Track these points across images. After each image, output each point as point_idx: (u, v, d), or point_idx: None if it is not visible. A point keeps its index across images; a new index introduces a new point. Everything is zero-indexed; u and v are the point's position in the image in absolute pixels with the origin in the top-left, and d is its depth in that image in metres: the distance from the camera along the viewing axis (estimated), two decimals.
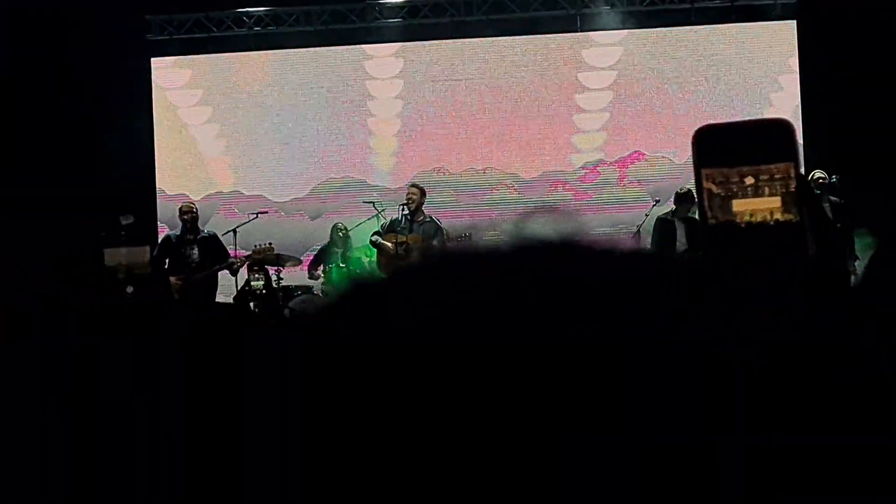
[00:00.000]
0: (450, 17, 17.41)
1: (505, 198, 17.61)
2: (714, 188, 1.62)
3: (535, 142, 17.49)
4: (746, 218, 1.60)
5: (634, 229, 15.57)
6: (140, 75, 17.78)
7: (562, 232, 0.80)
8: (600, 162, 17.49)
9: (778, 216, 1.60)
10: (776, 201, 1.60)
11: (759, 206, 1.60)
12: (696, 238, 14.13)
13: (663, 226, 14.71)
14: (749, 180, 1.60)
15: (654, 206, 15.71)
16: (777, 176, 1.60)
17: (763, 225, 1.60)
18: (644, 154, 17.39)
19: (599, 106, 17.44)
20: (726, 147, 1.64)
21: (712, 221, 1.62)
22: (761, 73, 16.95)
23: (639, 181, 17.34)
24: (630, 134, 17.37)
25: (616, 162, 17.46)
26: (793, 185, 1.60)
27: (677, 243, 14.60)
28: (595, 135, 17.43)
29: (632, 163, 17.41)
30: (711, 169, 1.62)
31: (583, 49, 17.51)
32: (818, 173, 13.77)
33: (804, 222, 1.61)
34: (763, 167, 1.61)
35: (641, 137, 17.36)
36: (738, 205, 1.60)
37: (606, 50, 17.46)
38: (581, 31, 17.45)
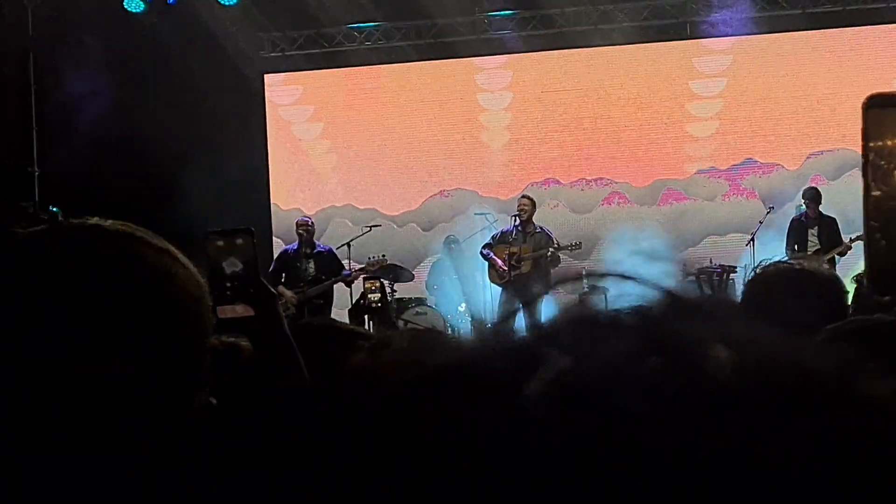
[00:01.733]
0: (558, 28, 17.41)
1: (617, 208, 17.56)
2: (878, 160, 1.62)
3: (645, 151, 17.43)
4: None
5: (748, 237, 15.43)
6: (254, 91, 18.02)
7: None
8: (712, 170, 17.37)
9: None
10: None
11: None
12: (827, 237, 14.05)
13: (796, 227, 14.70)
14: None
15: (767, 213, 15.57)
16: None
17: None
18: (757, 161, 17.24)
19: (710, 113, 17.33)
20: (893, 118, 1.63)
21: (875, 193, 1.62)
22: (875, 77, 16.69)
23: (752, 189, 17.19)
24: (742, 141, 17.23)
25: (728, 170, 17.32)
26: None
27: (808, 244, 14.54)
28: (706, 142, 17.32)
29: (744, 170, 17.27)
30: (878, 141, 1.62)
31: (693, 57, 17.41)
32: None
33: None
34: None
35: (753, 145, 17.21)
36: None
37: (717, 57, 17.35)
38: (691, 39, 17.35)
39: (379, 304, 13.50)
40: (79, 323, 1.53)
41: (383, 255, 14.93)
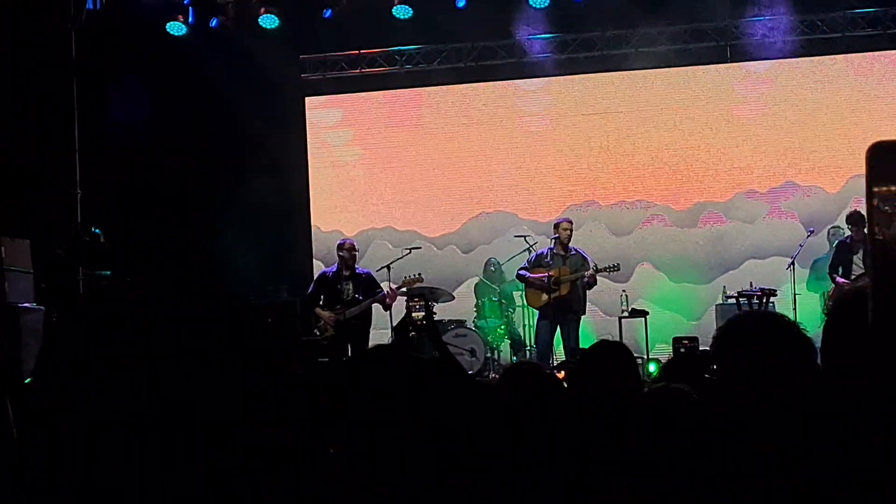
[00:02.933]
0: (598, 52, 17.43)
1: (656, 230, 17.55)
2: (881, 205, 1.64)
3: (685, 173, 17.41)
4: None
5: (788, 260, 15.40)
6: (295, 114, 18.12)
7: None
8: (752, 192, 17.33)
9: None
10: None
11: None
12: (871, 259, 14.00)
13: (841, 250, 14.69)
14: None
15: (808, 236, 15.53)
16: None
17: None
18: (797, 184, 17.20)
19: (750, 136, 17.29)
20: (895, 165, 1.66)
21: (879, 237, 1.65)
22: None
23: (792, 211, 17.14)
24: (782, 164, 17.19)
25: (768, 192, 17.28)
26: None
27: (853, 266, 14.51)
28: (746, 165, 17.28)
29: (784, 193, 17.22)
30: (882, 186, 1.65)
31: (733, 80, 17.39)
32: None
33: None
34: None
35: (793, 167, 17.17)
36: None
37: (756, 80, 17.32)
38: (731, 62, 17.34)
39: (423, 322, 13.51)
40: None
41: (419, 274, 14.95)
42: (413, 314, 13.73)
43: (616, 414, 3.72)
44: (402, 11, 16.59)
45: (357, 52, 17.88)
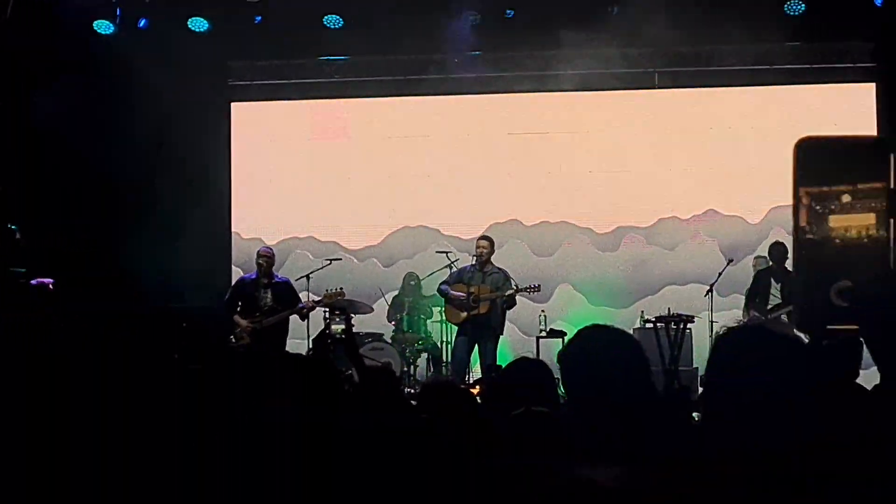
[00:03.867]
0: (528, 71, 17.46)
1: (578, 252, 17.60)
2: (812, 203, 1.64)
3: (609, 197, 17.48)
4: (842, 233, 1.62)
5: (707, 287, 15.51)
6: (220, 119, 17.98)
7: None
8: (674, 218, 17.44)
9: (871, 232, 1.62)
10: (871, 218, 1.62)
11: (855, 223, 1.62)
12: (788, 293, 14.16)
13: (760, 280, 14.87)
14: (846, 197, 1.63)
15: (727, 265, 15.66)
16: (873, 193, 1.62)
17: (856, 240, 1.62)
18: (719, 212, 17.32)
19: (674, 163, 17.40)
20: (826, 163, 1.66)
21: (809, 236, 1.64)
22: (836, 132, 16.80)
23: (713, 239, 17.26)
24: (705, 192, 17.31)
25: (690, 219, 17.40)
26: (885, 203, 1.62)
27: (770, 297, 14.67)
28: (669, 191, 17.37)
29: (706, 220, 17.35)
30: (810, 185, 1.65)
31: (659, 106, 17.50)
32: None
33: (890, 238, 1.63)
34: (860, 185, 1.63)
35: (716, 195, 17.30)
36: (834, 220, 1.62)
37: (682, 108, 17.45)
38: (658, 88, 17.44)
39: (342, 335, 13.43)
40: None
41: (340, 288, 14.92)
42: (332, 326, 13.67)
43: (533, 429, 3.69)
44: (333, 21, 16.53)
45: (285, 60, 17.76)
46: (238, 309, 14.75)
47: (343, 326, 11.76)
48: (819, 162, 1.66)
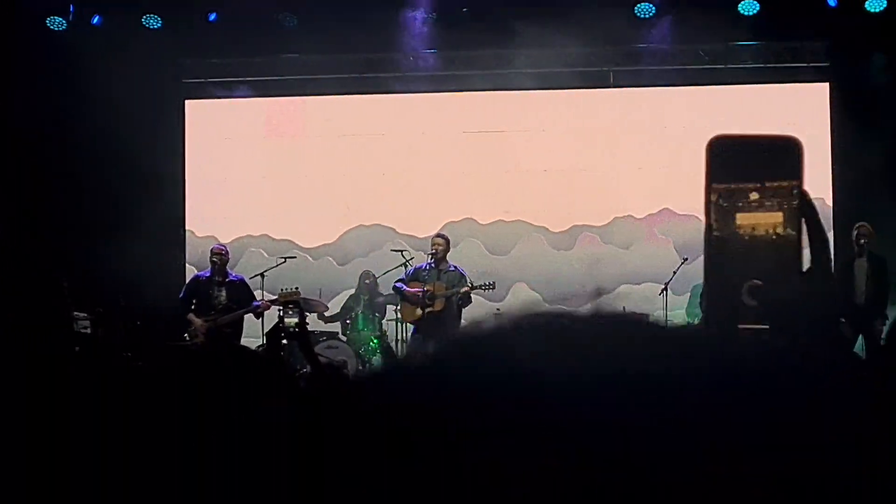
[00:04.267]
0: (483, 70, 17.47)
1: (533, 250, 17.62)
2: (720, 200, 1.65)
3: (564, 195, 17.50)
4: (749, 231, 1.63)
5: (661, 286, 15.56)
6: (174, 116, 17.89)
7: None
8: (629, 217, 17.49)
9: (780, 231, 1.62)
10: (779, 216, 1.62)
11: (762, 221, 1.62)
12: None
13: None
14: (754, 195, 1.63)
15: (682, 264, 15.72)
16: (781, 191, 1.63)
17: (764, 239, 1.62)
18: (673, 212, 17.38)
19: (630, 161, 17.45)
20: (736, 160, 1.67)
21: (716, 234, 1.65)
22: (794, 133, 16.86)
23: (668, 238, 17.32)
24: (659, 190, 17.36)
25: (645, 218, 17.45)
26: (795, 202, 1.62)
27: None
28: (624, 190, 17.42)
29: (661, 220, 17.40)
30: (720, 182, 1.66)
31: (615, 105, 17.55)
32: (864, 227, 14.04)
33: (801, 239, 1.64)
34: (768, 183, 1.63)
35: (670, 194, 17.35)
36: (741, 218, 1.63)
37: (638, 106, 17.50)
38: (613, 87, 17.49)
39: (296, 329, 13.41)
40: None
41: (296, 287, 14.88)
42: (286, 320, 13.62)
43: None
44: (288, 19, 16.49)
45: (240, 58, 17.68)
46: (192, 307, 14.70)
47: (297, 320, 11.72)
48: (730, 159, 1.67)
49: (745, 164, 1.66)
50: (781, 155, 1.66)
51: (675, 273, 15.51)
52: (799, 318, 1.63)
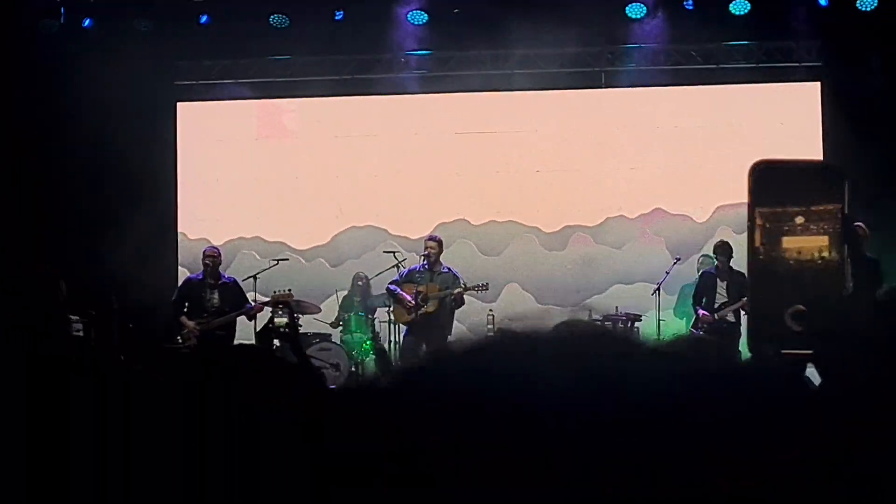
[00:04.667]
0: (475, 71, 17.47)
1: (525, 250, 17.62)
2: (766, 224, 1.65)
3: (556, 196, 17.50)
4: (795, 255, 1.63)
5: (654, 286, 15.57)
6: (166, 119, 17.87)
7: None
8: (621, 217, 17.49)
9: (825, 254, 1.63)
10: (824, 240, 1.63)
11: (807, 245, 1.63)
12: (737, 291, 14.20)
13: (705, 280, 14.92)
14: (799, 219, 1.64)
15: (675, 263, 15.73)
16: (826, 216, 1.64)
17: (809, 263, 1.63)
18: (666, 211, 17.39)
19: (622, 162, 17.46)
20: (781, 185, 1.67)
21: (761, 257, 1.65)
22: (786, 133, 16.90)
23: (660, 238, 17.32)
24: (651, 191, 17.38)
25: (637, 218, 17.45)
26: (839, 226, 1.63)
27: (716, 296, 14.75)
28: (617, 190, 17.44)
29: (653, 219, 17.41)
30: (764, 206, 1.66)
31: (607, 106, 17.56)
32: (860, 227, 14.03)
33: (844, 263, 1.65)
34: (814, 207, 1.64)
35: (662, 194, 17.37)
36: (787, 242, 1.63)
37: (629, 107, 17.51)
38: (605, 87, 17.50)
39: (286, 329, 13.41)
40: None
41: (289, 290, 14.89)
42: (276, 320, 13.61)
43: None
44: (279, 21, 16.48)
45: (232, 59, 17.67)
46: (185, 310, 14.69)
47: (286, 320, 11.71)
48: (773, 183, 1.67)
49: (789, 189, 1.67)
50: (824, 180, 1.68)
51: (667, 273, 15.52)
52: (843, 345, 1.64)
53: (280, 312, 13.55)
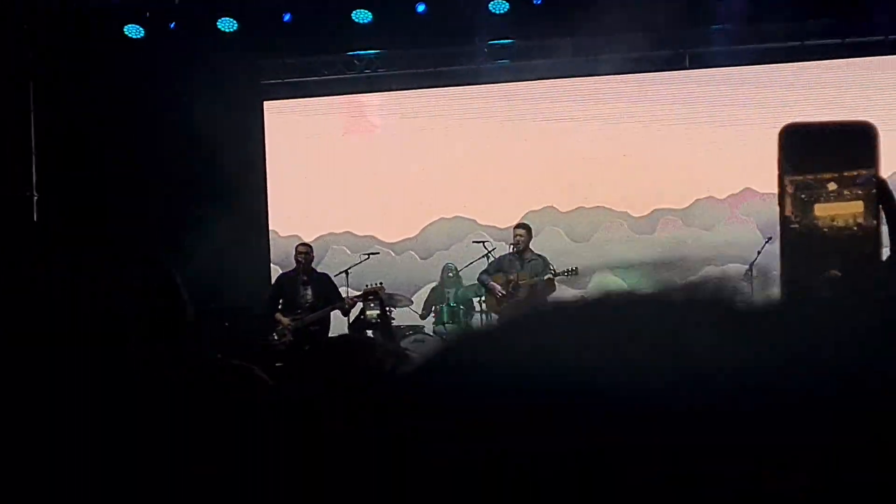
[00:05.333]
0: (558, 58, 17.42)
1: (615, 236, 17.57)
2: (797, 192, 1.62)
3: (644, 179, 17.43)
4: (828, 223, 1.60)
5: (745, 267, 15.43)
6: (253, 118, 18.02)
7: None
8: (710, 198, 17.38)
9: (860, 221, 1.60)
10: (859, 206, 1.60)
11: (841, 211, 1.60)
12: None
13: None
14: (832, 185, 1.61)
15: (766, 243, 15.58)
16: (859, 181, 1.61)
17: (844, 230, 1.60)
18: (755, 191, 17.24)
19: (709, 143, 17.35)
20: (811, 150, 1.64)
21: (794, 226, 1.62)
22: (874, 109, 16.70)
23: (750, 218, 17.19)
24: (740, 170, 17.23)
25: (727, 199, 17.34)
26: (874, 191, 1.60)
27: None
28: (705, 171, 17.33)
29: (743, 200, 17.28)
30: (794, 173, 1.62)
31: (692, 87, 17.45)
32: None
33: (880, 228, 1.61)
34: (846, 172, 1.61)
35: (751, 174, 17.21)
36: (820, 209, 1.61)
37: (715, 87, 17.38)
38: (690, 69, 17.39)
39: (378, 320, 13.49)
40: None
41: (380, 283, 14.96)
42: (368, 312, 13.69)
43: None
44: (361, 16, 16.56)
45: (317, 56, 17.78)
46: (279, 307, 14.81)
47: (378, 311, 11.76)
48: (804, 149, 1.63)
49: (820, 153, 1.63)
50: (857, 142, 1.63)
51: (759, 253, 15.38)
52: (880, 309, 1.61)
53: (372, 305, 13.65)
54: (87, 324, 1.63)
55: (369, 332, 14.17)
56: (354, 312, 14.93)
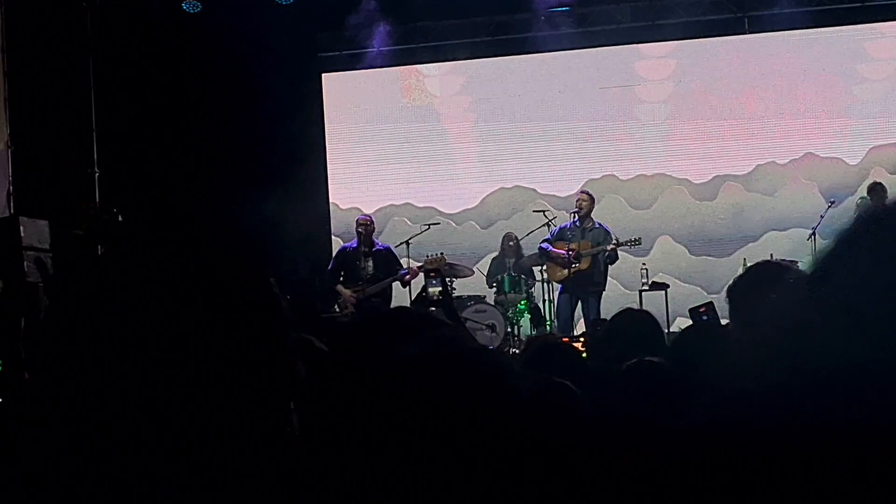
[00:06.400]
0: (616, 25, 17.31)
1: (676, 202, 17.48)
2: None
3: (704, 145, 17.34)
4: None
5: (809, 232, 15.32)
6: (312, 91, 18.05)
7: None
8: (771, 164, 17.25)
9: None
10: None
11: None
12: None
13: None
14: None
15: (829, 207, 15.46)
16: None
17: None
18: (817, 155, 17.11)
19: (769, 107, 17.22)
20: None
21: None
22: None
23: (812, 182, 17.05)
24: (801, 135, 17.11)
25: (788, 164, 17.20)
26: None
27: None
28: (766, 137, 17.20)
29: (804, 164, 17.14)
30: None
31: (751, 52, 17.30)
32: None
33: None
34: None
35: (812, 138, 17.09)
36: None
37: (774, 52, 17.22)
38: (749, 33, 17.24)
39: (440, 297, 13.48)
40: None
41: (441, 253, 14.97)
42: (430, 289, 13.72)
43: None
44: None
45: (374, 27, 17.77)
46: (341, 279, 14.86)
47: (440, 288, 11.75)
48: None
49: None
50: None
51: (822, 217, 15.26)
52: None
53: (434, 282, 13.64)
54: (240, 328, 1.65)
55: (432, 309, 14.16)
56: (416, 285, 14.94)
